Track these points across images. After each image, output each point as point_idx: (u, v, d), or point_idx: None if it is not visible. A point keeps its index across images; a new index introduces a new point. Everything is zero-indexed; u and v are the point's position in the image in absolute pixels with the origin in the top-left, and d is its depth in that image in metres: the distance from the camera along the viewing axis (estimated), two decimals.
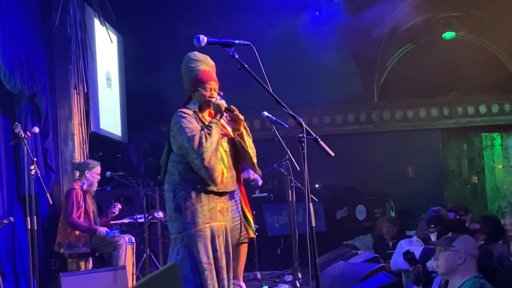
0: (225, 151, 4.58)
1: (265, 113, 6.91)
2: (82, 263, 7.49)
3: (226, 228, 4.58)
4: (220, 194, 4.54)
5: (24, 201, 6.63)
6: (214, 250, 4.44)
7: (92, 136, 8.83)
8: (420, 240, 6.94)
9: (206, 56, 4.75)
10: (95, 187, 7.44)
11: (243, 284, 6.30)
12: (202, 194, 4.46)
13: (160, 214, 7.91)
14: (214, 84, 4.66)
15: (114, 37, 10.05)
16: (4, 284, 6.63)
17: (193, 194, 4.44)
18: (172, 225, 4.50)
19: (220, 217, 4.53)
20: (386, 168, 11.05)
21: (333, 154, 3.80)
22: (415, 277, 5.40)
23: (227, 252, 4.54)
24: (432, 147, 11.56)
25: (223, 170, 4.49)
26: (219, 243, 4.47)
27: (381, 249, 8.38)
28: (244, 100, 6.86)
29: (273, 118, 6.89)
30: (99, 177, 7.46)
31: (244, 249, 6.29)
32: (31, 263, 6.44)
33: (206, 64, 4.71)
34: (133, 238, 7.37)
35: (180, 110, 4.60)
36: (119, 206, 7.53)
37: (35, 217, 6.43)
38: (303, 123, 3.80)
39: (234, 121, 4.62)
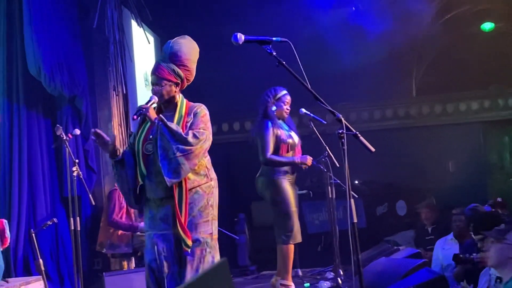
0: (147, 155, 4.46)
1: (303, 110, 6.92)
2: (125, 263, 7.56)
3: (173, 236, 4.38)
4: (160, 200, 4.41)
5: (67, 203, 6.72)
6: (153, 260, 4.39)
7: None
8: (455, 238, 6.85)
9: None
10: None
11: (289, 283, 6.30)
12: (146, 202, 4.51)
13: None
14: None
15: (151, 38, 10.12)
16: (49, 285, 6.73)
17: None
18: None
19: (162, 226, 4.40)
20: (426, 163, 10.92)
21: (373, 150, 3.78)
22: (459, 272, 5.35)
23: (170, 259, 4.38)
24: (473, 140, 11.38)
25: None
26: (159, 252, 4.36)
27: (421, 237, 8.33)
28: None
29: (311, 114, 6.90)
30: None
31: (280, 250, 6.30)
32: (75, 264, 6.53)
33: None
34: None
35: None
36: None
37: (78, 218, 6.53)
38: (342, 119, 3.79)
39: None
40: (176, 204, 4.28)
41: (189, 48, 4.79)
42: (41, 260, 6.29)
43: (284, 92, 6.49)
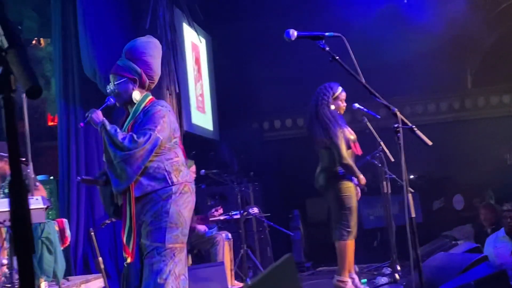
0: None
1: (356, 104, 6.87)
2: None
3: None
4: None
5: None
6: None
7: (185, 135, 8.98)
8: (507, 235, 6.69)
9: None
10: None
11: (345, 279, 6.27)
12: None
13: (255, 210, 7.99)
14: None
15: (203, 38, 10.19)
16: (108, 282, 6.83)
17: None
18: None
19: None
20: (483, 156, 10.72)
21: (430, 143, 3.73)
22: None
23: None
24: None
25: None
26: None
27: (480, 237, 8.18)
28: None
29: (365, 109, 6.84)
30: (195, 175, 7.59)
31: (338, 246, 6.27)
32: None
33: None
34: (229, 235, 7.46)
35: None
36: (221, 210, 7.62)
37: None
38: (398, 113, 3.75)
39: None
40: (123, 213, 4.16)
41: (144, 43, 4.41)
42: (100, 258, 6.39)
43: (340, 89, 6.43)
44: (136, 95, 4.26)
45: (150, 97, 4.33)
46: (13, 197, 1.38)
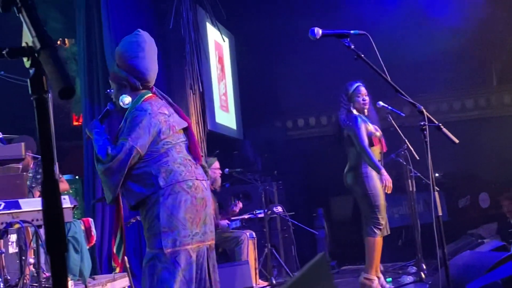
0: None
1: (381, 102, 6.84)
2: None
3: None
4: None
5: None
6: None
7: (209, 134, 9.01)
8: None
9: None
10: (219, 182, 7.58)
11: (372, 276, 6.25)
12: None
13: (279, 209, 7.99)
14: None
15: (226, 37, 10.21)
16: (133, 281, 6.86)
17: None
18: None
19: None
20: (509, 153, 10.63)
21: (457, 141, 3.72)
22: None
23: None
24: None
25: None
26: None
27: (504, 230, 8.13)
28: None
29: (389, 107, 6.81)
30: (220, 171, 7.60)
31: (367, 243, 6.27)
32: None
33: None
34: (254, 233, 7.47)
35: None
36: (241, 205, 7.65)
37: None
38: (424, 110, 3.73)
39: None
40: (114, 223, 4.15)
41: (127, 45, 4.25)
42: (126, 257, 6.42)
43: (356, 85, 6.43)
44: (126, 99, 4.14)
45: (146, 95, 4.19)
46: (46, 196, 1.39)
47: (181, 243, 3.97)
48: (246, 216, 7.94)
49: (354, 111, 6.37)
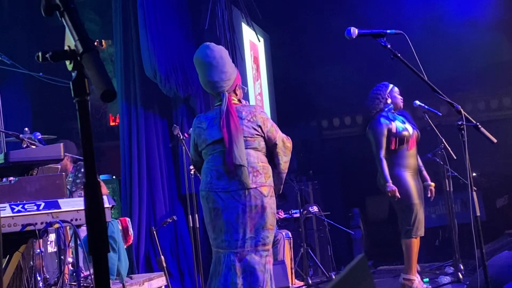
0: None
1: (417, 102, 6.79)
2: None
3: None
4: None
5: (185, 200, 6.90)
6: None
7: None
8: None
9: None
10: None
11: (412, 277, 6.22)
12: None
13: (314, 209, 7.98)
14: None
15: (261, 37, 10.22)
16: (170, 281, 6.92)
17: None
18: (271, 234, 4.41)
19: None
20: None
21: (495, 141, 3.68)
22: None
23: None
24: None
25: None
26: None
27: None
28: None
29: (426, 106, 6.76)
30: None
31: (403, 244, 6.23)
32: (194, 260, 6.69)
33: None
34: (289, 233, 7.47)
35: (254, 105, 4.72)
36: (282, 214, 7.64)
37: (196, 215, 6.67)
38: (462, 110, 3.70)
39: None
40: None
41: (194, 61, 4.80)
42: (162, 257, 6.48)
43: (391, 86, 6.44)
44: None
45: (215, 105, 4.64)
46: (88, 196, 1.42)
47: (216, 245, 4.42)
48: (282, 216, 7.95)
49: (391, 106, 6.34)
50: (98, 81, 1.35)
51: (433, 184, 6.49)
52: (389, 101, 6.33)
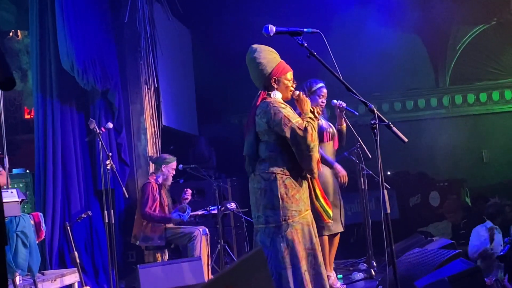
0: None
1: (335, 101, 6.87)
2: (159, 255, 7.62)
3: (311, 216, 4.76)
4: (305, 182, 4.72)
5: (101, 196, 6.79)
6: (314, 236, 4.65)
7: (164, 130, 8.96)
8: (497, 226, 6.81)
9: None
10: (170, 181, 7.57)
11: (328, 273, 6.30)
12: (303, 182, 4.67)
13: (232, 205, 7.98)
14: (292, 74, 4.81)
15: (183, 32, 10.16)
16: (84, 277, 6.80)
17: (298, 182, 4.63)
18: (275, 213, 4.58)
19: (309, 205, 4.74)
20: (460, 153, 10.82)
21: (406, 140, 3.75)
22: None
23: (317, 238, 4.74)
24: (507, 130, 11.21)
25: (318, 159, 4.69)
26: (315, 229, 4.70)
27: (453, 228, 8.28)
28: None
29: (344, 105, 6.85)
30: (174, 172, 7.58)
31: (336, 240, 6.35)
32: (109, 256, 6.59)
33: (278, 55, 4.77)
34: (207, 230, 7.45)
35: (271, 100, 4.66)
36: (190, 191, 7.65)
37: (112, 210, 6.58)
38: (375, 109, 3.77)
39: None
40: None
41: None
42: (76, 253, 6.36)
43: (320, 85, 6.43)
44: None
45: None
46: None
47: None
48: (199, 212, 7.93)
49: None
50: None
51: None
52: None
